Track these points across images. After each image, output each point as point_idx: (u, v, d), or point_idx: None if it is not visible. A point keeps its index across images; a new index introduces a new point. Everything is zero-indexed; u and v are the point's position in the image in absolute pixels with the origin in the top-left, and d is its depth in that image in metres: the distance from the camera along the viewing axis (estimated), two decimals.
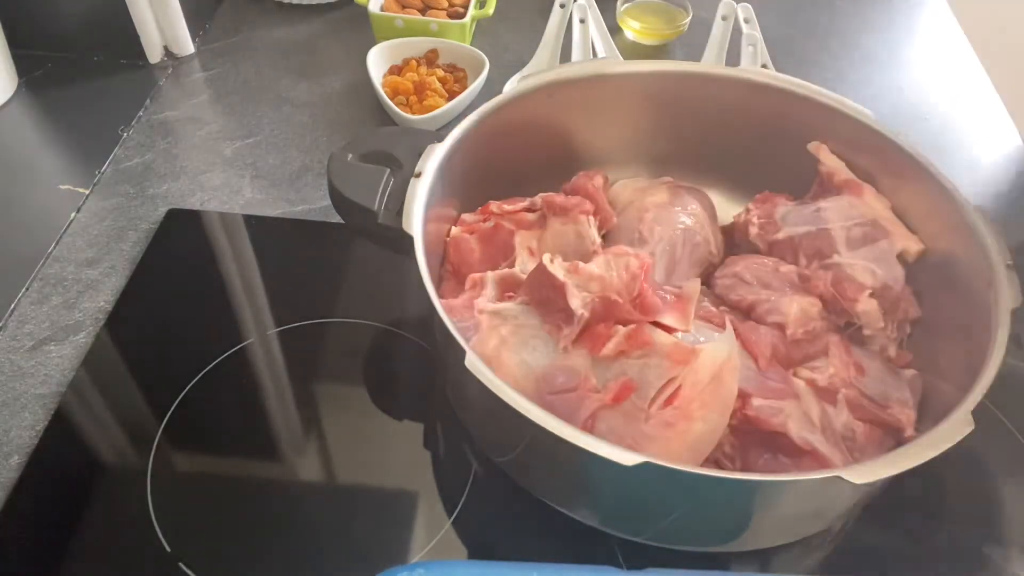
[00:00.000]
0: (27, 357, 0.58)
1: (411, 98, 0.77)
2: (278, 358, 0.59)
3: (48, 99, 0.79)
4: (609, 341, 0.45)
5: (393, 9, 0.84)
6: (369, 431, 0.55)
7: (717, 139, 0.64)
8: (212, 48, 0.87)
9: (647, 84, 0.62)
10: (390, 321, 0.61)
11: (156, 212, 0.69)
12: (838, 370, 0.51)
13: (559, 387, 0.45)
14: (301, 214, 0.70)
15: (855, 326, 0.54)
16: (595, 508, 0.47)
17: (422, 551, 0.49)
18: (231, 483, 0.52)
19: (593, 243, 0.56)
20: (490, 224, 0.57)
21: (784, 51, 0.91)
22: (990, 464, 0.55)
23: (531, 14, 0.93)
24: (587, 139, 0.64)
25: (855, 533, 0.51)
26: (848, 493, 0.45)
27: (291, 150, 0.76)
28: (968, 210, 0.51)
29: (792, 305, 0.52)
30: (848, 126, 0.58)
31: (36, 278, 0.63)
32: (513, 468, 0.49)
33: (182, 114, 0.79)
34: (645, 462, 0.37)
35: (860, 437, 0.49)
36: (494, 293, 0.51)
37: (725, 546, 0.48)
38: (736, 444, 0.47)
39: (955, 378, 0.47)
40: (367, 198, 0.50)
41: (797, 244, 0.56)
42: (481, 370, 0.41)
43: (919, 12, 1.01)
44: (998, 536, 0.52)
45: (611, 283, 0.46)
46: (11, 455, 0.52)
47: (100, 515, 0.49)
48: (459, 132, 0.54)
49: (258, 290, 0.63)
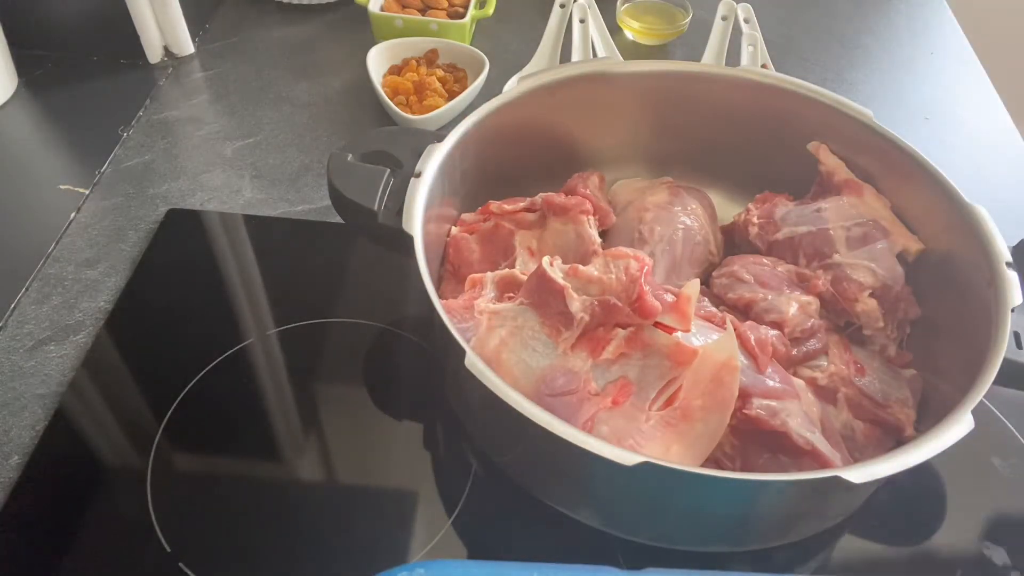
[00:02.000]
0: (27, 357, 0.58)
1: (411, 98, 0.77)
2: (278, 358, 0.59)
3: (48, 99, 0.79)
4: (609, 344, 0.45)
5: (393, 9, 0.84)
6: (369, 431, 0.55)
7: (717, 139, 0.64)
8: (212, 48, 0.87)
9: (647, 84, 0.62)
10: (390, 321, 0.61)
11: (156, 212, 0.69)
12: (838, 369, 0.51)
13: (559, 389, 0.45)
14: (301, 214, 0.70)
15: (855, 326, 0.54)
16: (595, 508, 0.47)
17: (422, 551, 0.49)
18: (231, 483, 0.52)
19: (593, 243, 0.56)
20: (490, 224, 0.57)
21: (784, 51, 0.91)
22: (990, 464, 0.55)
23: (531, 14, 0.93)
24: (587, 139, 0.64)
25: (855, 533, 0.51)
26: (848, 493, 0.45)
27: (291, 150, 0.76)
28: (968, 210, 0.51)
29: (790, 304, 0.52)
30: (848, 126, 0.58)
31: (36, 278, 0.63)
32: (513, 468, 0.49)
33: (182, 114, 0.79)
34: (645, 462, 0.37)
35: (860, 436, 0.49)
36: (494, 294, 0.51)
37: (725, 546, 0.48)
38: (736, 444, 0.46)
39: (955, 378, 0.48)
40: (367, 198, 0.50)
41: (797, 244, 0.56)
42: (481, 370, 0.41)
43: (919, 12, 1.01)
44: (998, 536, 0.52)
45: (610, 286, 0.46)
46: (11, 455, 0.52)
47: (100, 515, 0.49)
48: (459, 132, 0.54)
49: (258, 290, 0.63)
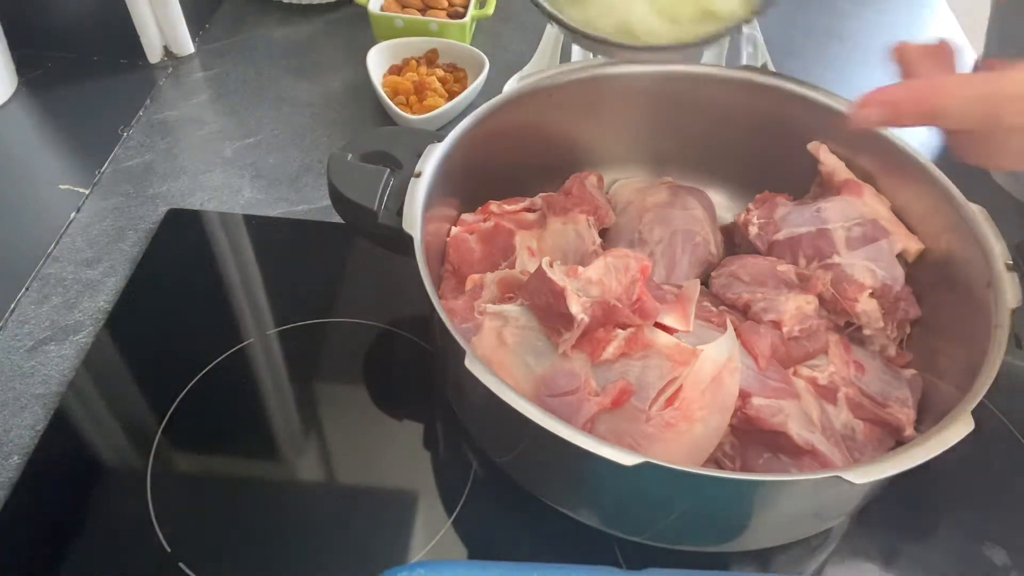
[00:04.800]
0: (27, 357, 0.58)
1: (411, 98, 0.77)
2: (278, 358, 0.59)
3: (48, 99, 0.79)
4: (609, 345, 0.45)
5: (393, 9, 0.84)
6: (369, 431, 0.55)
7: (717, 139, 0.64)
8: (212, 48, 0.87)
9: (647, 84, 0.61)
10: (390, 321, 0.61)
11: (156, 212, 0.69)
12: (838, 368, 0.51)
13: (559, 390, 0.45)
14: (301, 214, 0.70)
15: (855, 326, 0.54)
16: (595, 508, 0.47)
17: (422, 551, 0.49)
18: (231, 483, 0.52)
19: (593, 243, 0.56)
20: (490, 224, 0.57)
21: (784, 51, 0.91)
22: (990, 464, 0.55)
23: (531, 14, 0.93)
24: (587, 139, 0.64)
25: (855, 533, 0.51)
26: (848, 493, 0.45)
27: (291, 150, 0.76)
28: (968, 210, 0.51)
29: (788, 303, 0.52)
30: (848, 126, 0.58)
31: (36, 278, 0.63)
32: (513, 468, 0.49)
33: (182, 114, 0.79)
34: (645, 462, 0.37)
35: (860, 436, 0.49)
36: (494, 294, 0.51)
37: (725, 546, 0.48)
38: (736, 444, 0.46)
39: (955, 378, 0.47)
40: (367, 198, 0.50)
41: (797, 244, 0.56)
42: (481, 370, 0.41)
43: (919, 12, 1.01)
44: (998, 536, 0.52)
45: (610, 287, 0.46)
46: (11, 455, 0.52)
47: (100, 515, 0.49)
48: (459, 132, 0.54)
49: (258, 290, 0.63)
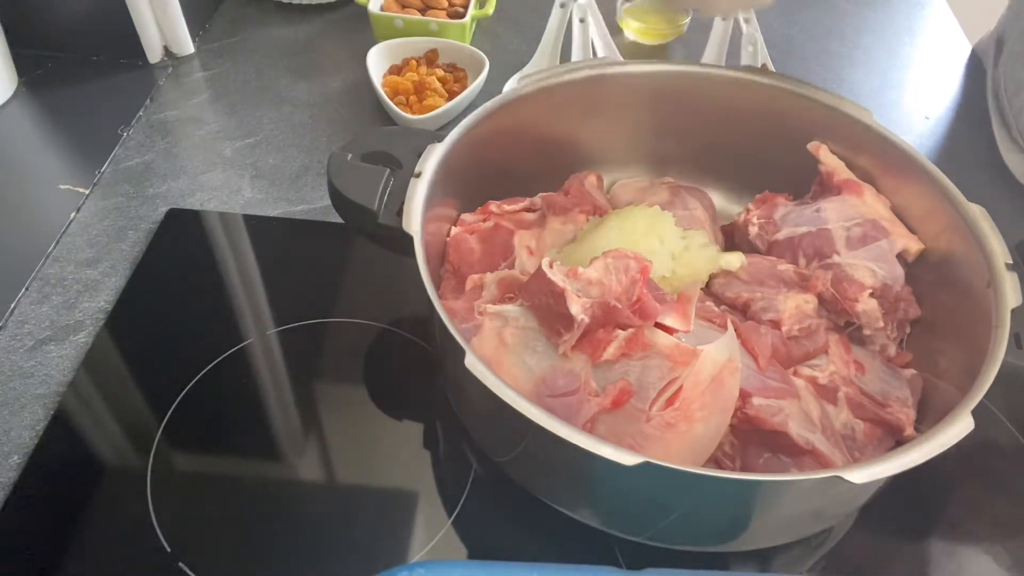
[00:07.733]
0: (27, 357, 0.58)
1: (411, 98, 0.77)
2: (278, 358, 0.59)
3: (48, 99, 0.79)
4: (609, 345, 0.45)
5: (393, 9, 0.84)
6: (369, 431, 0.55)
7: (717, 139, 0.64)
8: (212, 48, 0.87)
9: (647, 84, 0.62)
10: (390, 321, 0.61)
11: (156, 212, 0.69)
12: (838, 368, 0.51)
13: (559, 390, 0.45)
14: (301, 214, 0.70)
15: (855, 326, 0.54)
16: (595, 508, 0.47)
17: (422, 551, 0.49)
18: (231, 483, 0.52)
19: None
20: (490, 224, 0.57)
21: (784, 51, 0.91)
22: (990, 464, 0.55)
23: (531, 14, 0.93)
24: (587, 139, 0.64)
25: (855, 533, 0.51)
26: (848, 493, 0.45)
27: (291, 150, 0.76)
28: (968, 210, 0.51)
29: (787, 302, 0.52)
30: (848, 126, 0.58)
31: (36, 278, 0.63)
32: (513, 468, 0.49)
33: (182, 114, 0.79)
34: (645, 462, 0.37)
35: (860, 436, 0.49)
36: (494, 294, 0.51)
37: (725, 546, 0.48)
38: (736, 444, 0.47)
39: (955, 378, 0.48)
40: (367, 198, 0.50)
41: (797, 244, 0.56)
42: (481, 370, 0.41)
43: (919, 12, 1.01)
44: (998, 536, 0.52)
45: (610, 288, 0.46)
46: (11, 455, 0.52)
47: (100, 515, 0.49)
48: (459, 132, 0.54)
49: (258, 290, 0.63)
